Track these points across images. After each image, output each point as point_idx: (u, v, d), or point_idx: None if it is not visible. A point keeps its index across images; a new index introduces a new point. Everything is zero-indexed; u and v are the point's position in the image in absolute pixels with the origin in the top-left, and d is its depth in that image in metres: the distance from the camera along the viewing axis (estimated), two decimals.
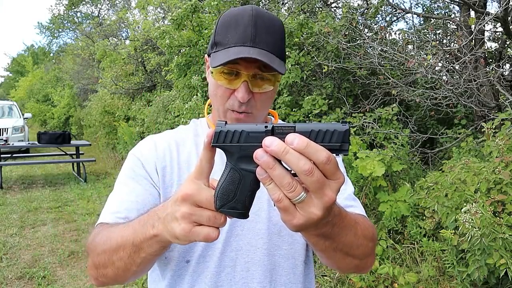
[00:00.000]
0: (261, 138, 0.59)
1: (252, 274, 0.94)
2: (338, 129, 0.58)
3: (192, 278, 0.94)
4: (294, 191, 0.57)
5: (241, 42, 0.88)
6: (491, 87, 4.31)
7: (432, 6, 6.68)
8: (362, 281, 3.20)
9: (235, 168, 0.63)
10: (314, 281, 1.06)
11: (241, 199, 0.64)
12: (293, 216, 0.60)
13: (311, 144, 0.55)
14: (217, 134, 0.63)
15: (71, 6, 22.79)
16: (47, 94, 22.31)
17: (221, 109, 0.96)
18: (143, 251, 0.74)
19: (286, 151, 0.55)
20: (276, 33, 0.93)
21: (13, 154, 8.97)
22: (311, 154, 0.55)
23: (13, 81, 37.00)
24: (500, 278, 2.62)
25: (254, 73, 0.90)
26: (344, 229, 0.74)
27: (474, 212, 2.40)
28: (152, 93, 10.12)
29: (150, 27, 9.24)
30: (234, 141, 0.62)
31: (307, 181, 0.56)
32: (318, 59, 4.75)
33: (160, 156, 0.99)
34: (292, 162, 0.55)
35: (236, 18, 0.91)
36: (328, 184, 0.57)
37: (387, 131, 4.14)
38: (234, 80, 0.91)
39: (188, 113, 4.91)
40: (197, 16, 5.36)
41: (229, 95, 0.93)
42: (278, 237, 0.97)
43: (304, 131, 0.58)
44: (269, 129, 0.60)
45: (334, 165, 0.56)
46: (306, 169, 0.55)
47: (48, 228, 5.34)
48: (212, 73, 0.94)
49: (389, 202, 3.58)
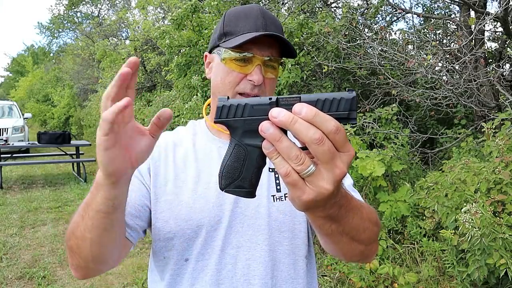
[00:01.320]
0: (266, 110, 0.57)
1: (253, 271, 0.94)
2: (345, 97, 0.56)
3: (192, 276, 0.94)
4: (302, 163, 0.55)
5: (254, 29, 0.94)
6: (491, 87, 4.31)
7: (432, 6, 6.69)
8: (362, 281, 3.20)
9: (240, 144, 0.61)
10: (316, 277, 1.05)
11: (248, 176, 0.62)
12: (303, 191, 0.56)
13: (319, 113, 0.54)
14: (220, 108, 0.61)
15: (71, 6, 22.79)
16: (47, 94, 22.33)
17: (230, 94, 0.96)
18: (91, 208, 0.72)
19: (294, 120, 0.54)
20: (280, 27, 1.00)
21: (13, 154, 8.97)
22: (320, 123, 0.53)
23: (13, 81, 37.01)
24: (500, 278, 2.62)
25: (268, 58, 0.94)
26: (351, 211, 0.72)
27: (474, 212, 2.40)
28: (152, 93, 10.13)
29: (150, 27, 9.24)
30: (238, 115, 0.60)
31: (318, 151, 0.54)
32: (318, 59, 4.75)
33: (155, 156, 0.99)
34: (301, 131, 0.53)
35: (244, 12, 0.98)
36: (339, 156, 0.55)
37: (387, 131, 4.14)
38: (247, 65, 0.94)
39: (188, 113, 4.91)
40: (197, 16, 5.36)
41: (239, 80, 0.95)
42: (279, 233, 0.97)
43: (310, 101, 0.56)
44: (274, 101, 0.58)
45: (344, 136, 0.55)
46: (316, 137, 0.53)
47: (48, 228, 5.34)
48: (223, 60, 0.96)
49: (389, 202, 3.58)
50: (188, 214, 0.93)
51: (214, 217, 0.93)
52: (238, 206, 0.95)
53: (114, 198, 0.69)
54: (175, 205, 0.94)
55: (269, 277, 0.95)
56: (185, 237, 0.93)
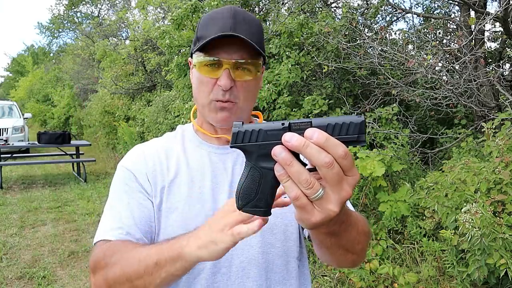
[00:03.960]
0: (280, 135, 0.59)
1: (247, 273, 0.94)
2: (354, 121, 0.59)
3: (187, 280, 0.94)
4: (312, 187, 0.57)
5: (221, 31, 0.91)
6: (491, 87, 4.31)
7: (432, 6, 6.69)
8: (362, 281, 3.20)
9: (255, 167, 0.64)
10: (309, 278, 1.06)
11: (263, 197, 0.65)
12: (311, 214, 0.60)
13: (330, 138, 0.56)
14: (235, 134, 0.64)
15: (71, 6, 22.82)
16: (47, 94, 22.31)
17: (206, 102, 0.96)
18: (164, 270, 0.76)
19: (306, 145, 0.56)
20: (254, 25, 0.95)
21: (13, 154, 8.96)
22: (330, 148, 0.56)
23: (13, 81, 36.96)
24: (500, 278, 2.62)
25: (235, 61, 0.92)
26: (350, 226, 0.76)
27: (474, 212, 2.40)
28: (152, 93, 10.13)
29: (150, 27, 9.23)
30: (253, 140, 0.62)
31: (328, 175, 0.56)
32: (318, 59, 4.75)
33: (149, 165, 0.99)
34: (313, 155, 0.56)
35: (215, 15, 0.95)
36: (346, 179, 0.58)
37: (387, 131, 4.14)
38: (217, 70, 0.93)
39: (188, 113, 4.91)
40: (197, 16, 5.36)
41: (212, 86, 0.94)
42: (271, 234, 0.97)
43: (321, 125, 0.59)
44: (286, 126, 0.60)
45: (351, 161, 0.57)
46: (327, 161, 0.55)
47: (48, 228, 5.34)
48: (195, 66, 0.96)
49: (389, 202, 3.58)
50: (184, 220, 0.94)
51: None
52: None
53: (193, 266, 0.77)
54: (171, 212, 0.95)
55: (263, 279, 0.95)
56: None
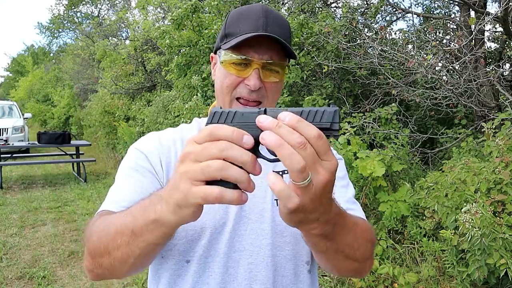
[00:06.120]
0: (254, 117, 0.61)
1: (255, 275, 0.93)
2: (327, 110, 0.60)
3: (193, 279, 0.92)
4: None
5: (253, 30, 0.90)
6: (491, 87, 4.31)
7: (432, 6, 6.69)
8: (362, 281, 3.20)
9: None
10: (317, 283, 1.04)
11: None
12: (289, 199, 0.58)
13: (302, 120, 0.57)
14: (212, 114, 0.66)
15: (71, 6, 22.82)
16: (47, 94, 22.30)
17: (227, 99, 0.94)
18: (142, 239, 0.69)
19: (279, 125, 0.56)
20: (285, 27, 0.96)
21: (13, 154, 8.96)
22: (302, 129, 0.56)
23: (13, 81, 36.95)
24: (500, 278, 2.62)
25: (266, 62, 0.91)
26: (345, 229, 0.73)
27: (474, 212, 2.40)
28: (152, 93, 10.12)
29: (150, 27, 9.23)
30: (228, 121, 0.64)
31: (301, 155, 0.56)
32: (318, 59, 4.75)
33: (165, 150, 0.96)
34: (285, 135, 0.56)
35: (247, 12, 0.94)
36: (321, 163, 0.57)
37: (387, 131, 4.14)
38: (245, 69, 0.92)
39: (188, 113, 4.91)
40: (197, 16, 5.36)
41: (237, 84, 0.93)
42: (281, 237, 0.96)
43: (295, 112, 0.60)
44: (262, 110, 0.63)
45: (326, 144, 0.57)
46: (299, 141, 0.55)
47: (48, 228, 5.34)
48: (222, 63, 0.94)
49: (389, 202, 3.58)
50: None
51: (219, 219, 0.92)
52: (243, 209, 0.94)
53: (174, 232, 0.70)
54: None
55: (270, 282, 0.94)
56: (187, 238, 0.92)
